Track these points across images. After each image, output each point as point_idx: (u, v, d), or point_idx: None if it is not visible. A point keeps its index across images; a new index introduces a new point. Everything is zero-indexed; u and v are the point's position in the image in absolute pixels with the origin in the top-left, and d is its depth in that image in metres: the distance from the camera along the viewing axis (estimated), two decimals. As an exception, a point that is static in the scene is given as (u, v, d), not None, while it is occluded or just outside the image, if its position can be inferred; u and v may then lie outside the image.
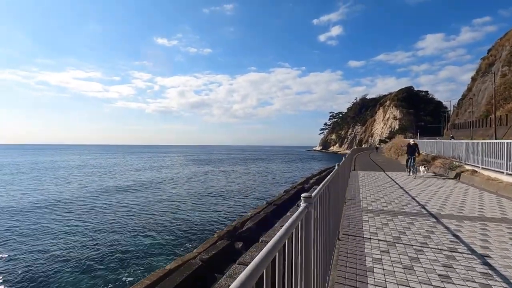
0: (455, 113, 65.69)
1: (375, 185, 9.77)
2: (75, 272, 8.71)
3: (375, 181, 10.93)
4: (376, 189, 9.06)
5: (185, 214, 15.80)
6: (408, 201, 7.23)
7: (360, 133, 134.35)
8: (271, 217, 11.39)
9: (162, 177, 33.02)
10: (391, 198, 7.64)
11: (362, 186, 9.65)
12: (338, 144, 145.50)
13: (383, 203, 7.05)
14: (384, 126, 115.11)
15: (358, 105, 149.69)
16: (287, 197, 15.12)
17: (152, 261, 9.49)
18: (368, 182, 10.66)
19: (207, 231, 12.71)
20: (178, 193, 22.51)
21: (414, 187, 9.25)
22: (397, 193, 8.23)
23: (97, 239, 11.63)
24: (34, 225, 13.60)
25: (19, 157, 77.41)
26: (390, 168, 15.87)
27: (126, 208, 16.88)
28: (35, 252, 10.37)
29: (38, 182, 27.71)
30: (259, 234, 9.66)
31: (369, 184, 10.15)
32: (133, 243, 11.25)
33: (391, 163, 19.98)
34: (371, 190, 8.89)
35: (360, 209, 6.40)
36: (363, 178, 11.77)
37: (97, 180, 29.78)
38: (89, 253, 10.20)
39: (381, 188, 9.12)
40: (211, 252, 7.73)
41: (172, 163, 61.16)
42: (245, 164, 58.43)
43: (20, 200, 19.18)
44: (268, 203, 15.20)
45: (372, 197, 7.80)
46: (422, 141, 19.90)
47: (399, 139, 31.66)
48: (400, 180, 11.13)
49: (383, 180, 11.06)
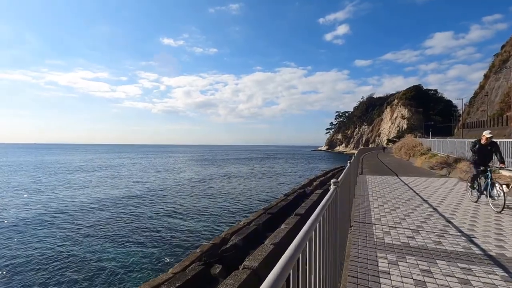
0: (467, 112, 63.17)
1: (389, 197, 7.77)
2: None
3: (389, 190, 8.93)
4: (393, 203, 6.90)
5: (177, 220, 14.20)
6: (455, 235, 4.41)
7: (367, 133, 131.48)
8: (262, 230, 9.63)
9: (161, 177, 31.51)
10: (418, 220, 5.36)
11: (373, 197, 7.67)
12: (344, 144, 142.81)
13: (406, 229, 4.82)
14: (392, 126, 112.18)
15: (365, 104, 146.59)
16: (285, 203, 13.31)
17: (113, 282, 7.87)
18: (380, 191, 8.65)
19: (196, 241, 11.08)
20: (174, 194, 21.01)
21: (443, 202, 7.42)
22: (427, 213, 5.86)
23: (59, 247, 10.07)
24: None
25: (31, 156, 77.20)
26: (403, 172, 13.91)
27: (112, 211, 15.36)
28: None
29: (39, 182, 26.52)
30: (245, 253, 7.93)
31: (382, 194, 8.07)
32: (105, 255, 9.67)
33: (403, 165, 18.02)
34: (386, 204, 6.70)
35: (374, 242, 4.23)
36: (374, 185, 9.85)
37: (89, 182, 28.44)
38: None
39: (399, 201, 7.11)
40: (178, 282, 6.04)
41: (175, 163, 59.81)
42: (248, 164, 56.77)
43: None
44: (265, 208, 13.46)
45: (389, 218, 5.52)
46: (438, 141, 17.92)
47: (409, 138, 29.57)
48: (420, 188, 9.24)
49: (399, 189, 9.04)
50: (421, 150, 20.42)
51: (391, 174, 13.16)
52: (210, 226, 13.21)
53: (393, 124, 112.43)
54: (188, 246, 10.82)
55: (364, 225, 5.14)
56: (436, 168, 11.33)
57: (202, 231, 12.53)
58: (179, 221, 14.22)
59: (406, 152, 23.47)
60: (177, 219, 14.51)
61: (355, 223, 5.24)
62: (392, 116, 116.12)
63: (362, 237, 4.47)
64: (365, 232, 4.76)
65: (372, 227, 5.03)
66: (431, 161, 15.19)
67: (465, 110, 63.65)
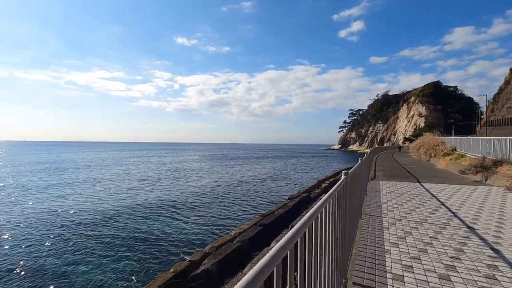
0: (490, 109, 59.24)
1: (414, 218, 5.23)
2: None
3: (412, 205, 6.35)
4: (421, 233, 4.40)
5: (164, 226, 12.63)
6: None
7: (381, 131, 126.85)
8: (247, 248, 7.73)
9: (167, 177, 30.14)
10: (472, 275, 3.13)
11: (389, 221, 5.10)
12: (358, 142, 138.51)
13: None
14: (408, 124, 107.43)
15: (380, 102, 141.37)
16: (283, 211, 11.36)
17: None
18: (398, 207, 6.17)
19: (176, 255, 9.39)
20: (173, 194, 19.59)
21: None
22: (482, 257, 3.47)
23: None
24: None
25: (59, 154, 78.44)
26: (426, 176, 11.63)
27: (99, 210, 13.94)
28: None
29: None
30: (219, 283, 6.10)
31: (401, 215, 5.50)
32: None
33: (424, 167, 15.68)
34: (409, 237, 4.21)
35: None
36: (389, 196, 7.35)
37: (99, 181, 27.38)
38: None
39: (430, 228, 4.64)
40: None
41: (184, 161, 58.65)
42: (258, 163, 55.00)
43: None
44: (263, 215, 11.61)
45: (420, 270, 3.14)
46: (466, 139, 15.45)
47: (429, 136, 26.90)
48: (456, 202, 6.84)
49: (426, 204, 6.46)
50: (444, 150, 17.96)
51: (411, 179, 10.88)
52: (198, 237, 11.46)
53: (409, 122, 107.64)
54: (164, 261, 9.12)
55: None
56: (469, 172, 9.09)
57: (186, 243, 10.80)
58: (165, 227, 12.59)
59: (426, 151, 20.97)
60: (165, 225, 12.89)
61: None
62: (408, 114, 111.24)
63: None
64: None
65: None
66: (459, 163, 12.85)
67: (488, 107, 59.83)
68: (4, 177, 29.16)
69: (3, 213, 15.00)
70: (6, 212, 15.17)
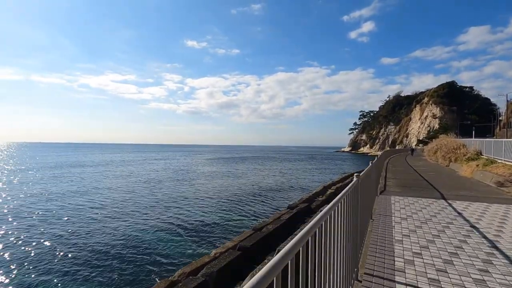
0: (510, 110, 55.84)
1: (456, 277, 2.97)
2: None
3: (442, 242, 4.12)
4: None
5: (161, 235, 10.88)
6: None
7: (393, 133, 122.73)
8: (214, 285, 5.79)
9: (171, 180, 28.55)
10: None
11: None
12: (369, 144, 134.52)
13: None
14: (422, 126, 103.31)
15: (391, 103, 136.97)
16: (272, 228, 9.39)
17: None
18: (423, 252, 3.75)
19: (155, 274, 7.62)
20: (171, 199, 18.17)
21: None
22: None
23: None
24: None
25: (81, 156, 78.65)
26: (449, 186, 9.48)
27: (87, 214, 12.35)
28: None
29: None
30: None
31: (432, 269, 3.19)
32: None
33: (444, 175, 13.36)
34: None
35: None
36: (406, 224, 5.05)
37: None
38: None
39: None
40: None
41: (191, 163, 57.20)
42: (264, 165, 53.47)
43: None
44: (255, 228, 9.70)
45: None
46: (496, 142, 13.14)
47: (447, 138, 24.36)
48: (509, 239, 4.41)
49: (466, 241, 4.17)
50: (466, 154, 15.60)
51: (431, 191, 8.56)
52: (180, 252, 9.63)
53: (422, 124, 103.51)
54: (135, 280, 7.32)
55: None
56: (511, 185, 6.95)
57: (170, 257, 8.99)
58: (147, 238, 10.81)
59: (444, 155, 18.55)
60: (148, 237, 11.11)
61: None
62: (421, 115, 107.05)
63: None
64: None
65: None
66: (489, 170, 10.59)
67: (508, 108, 56.37)
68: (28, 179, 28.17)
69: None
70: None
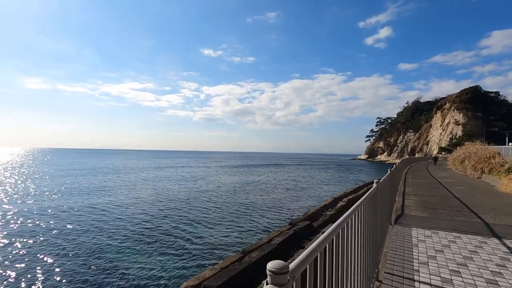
0: (541, 116, 52.51)
1: None
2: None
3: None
4: None
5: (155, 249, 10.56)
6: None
7: (412, 141, 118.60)
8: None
9: (183, 185, 28.54)
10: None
11: None
12: (386, 152, 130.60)
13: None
14: (443, 133, 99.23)
15: (410, 110, 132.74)
16: (262, 254, 8.60)
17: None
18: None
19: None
20: (176, 207, 17.67)
21: None
22: None
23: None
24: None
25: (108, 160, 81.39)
26: (492, 208, 7.62)
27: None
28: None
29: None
30: None
31: None
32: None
33: (477, 189, 11.70)
34: None
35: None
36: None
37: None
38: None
39: None
40: None
41: (206, 169, 57.34)
42: (277, 173, 52.71)
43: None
44: (244, 251, 8.88)
45: None
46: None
47: (475, 146, 22.87)
48: None
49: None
50: (505, 164, 14.26)
51: (469, 217, 6.58)
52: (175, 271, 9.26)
53: (444, 131, 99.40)
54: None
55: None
56: None
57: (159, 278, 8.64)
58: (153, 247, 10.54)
59: (474, 165, 17.06)
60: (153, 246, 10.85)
61: None
62: (443, 122, 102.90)
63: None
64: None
65: None
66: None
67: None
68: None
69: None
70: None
